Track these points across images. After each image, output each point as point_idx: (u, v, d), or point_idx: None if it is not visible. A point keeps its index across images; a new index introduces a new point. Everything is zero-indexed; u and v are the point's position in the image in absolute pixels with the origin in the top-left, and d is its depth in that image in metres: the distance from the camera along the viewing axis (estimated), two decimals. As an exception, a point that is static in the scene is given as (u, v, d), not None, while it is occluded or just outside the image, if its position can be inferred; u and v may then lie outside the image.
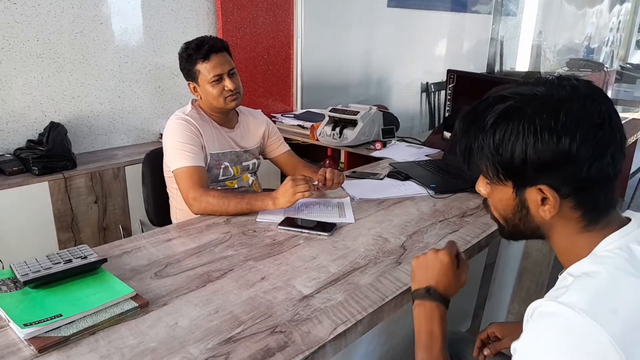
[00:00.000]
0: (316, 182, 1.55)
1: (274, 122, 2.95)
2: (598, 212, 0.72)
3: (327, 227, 1.38)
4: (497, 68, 5.46)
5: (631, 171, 4.15)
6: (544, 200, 0.71)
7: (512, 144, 0.69)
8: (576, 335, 0.60)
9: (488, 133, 0.71)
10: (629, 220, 0.74)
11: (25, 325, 0.88)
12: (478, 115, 0.73)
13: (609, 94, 4.73)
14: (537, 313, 0.66)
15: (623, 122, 0.74)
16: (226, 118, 1.76)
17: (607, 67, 5.70)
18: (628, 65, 6.59)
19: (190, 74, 1.66)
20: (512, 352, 0.67)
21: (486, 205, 0.83)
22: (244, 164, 1.79)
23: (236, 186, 1.77)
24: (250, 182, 1.82)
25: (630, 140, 3.20)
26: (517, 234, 0.80)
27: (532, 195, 0.72)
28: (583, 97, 0.68)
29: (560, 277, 0.73)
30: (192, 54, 1.62)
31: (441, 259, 0.92)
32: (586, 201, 0.71)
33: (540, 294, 2.17)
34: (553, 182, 0.69)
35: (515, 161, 0.69)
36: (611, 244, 0.70)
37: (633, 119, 3.52)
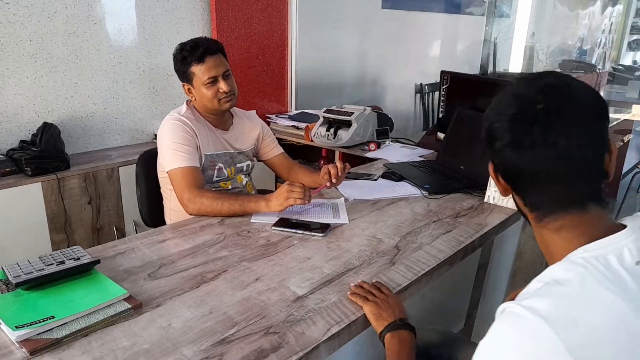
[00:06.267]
0: (323, 185, 1.58)
1: (269, 123, 2.96)
2: (542, 209, 0.73)
3: (321, 228, 1.38)
4: (490, 69, 5.49)
5: (623, 172, 4.18)
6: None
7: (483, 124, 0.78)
8: (533, 339, 0.60)
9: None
10: (620, 228, 0.70)
11: (17, 327, 0.87)
12: None
13: (601, 95, 4.73)
14: (503, 313, 0.66)
15: (615, 123, 0.75)
16: (221, 119, 1.75)
17: (599, 69, 5.74)
18: (620, 67, 6.64)
19: (184, 76, 1.66)
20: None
21: None
22: (238, 165, 1.79)
23: (230, 187, 1.77)
24: (244, 183, 1.82)
25: (625, 139, 3.23)
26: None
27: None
28: (533, 87, 0.71)
29: (533, 280, 0.71)
30: (187, 56, 1.61)
31: (388, 294, 1.05)
32: (523, 191, 0.76)
33: (533, 294, 2.19)
34: (492, 158, 0.77)
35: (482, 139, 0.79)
36: (588, 252, 0.67)
37: (625, 120, 3.55)
